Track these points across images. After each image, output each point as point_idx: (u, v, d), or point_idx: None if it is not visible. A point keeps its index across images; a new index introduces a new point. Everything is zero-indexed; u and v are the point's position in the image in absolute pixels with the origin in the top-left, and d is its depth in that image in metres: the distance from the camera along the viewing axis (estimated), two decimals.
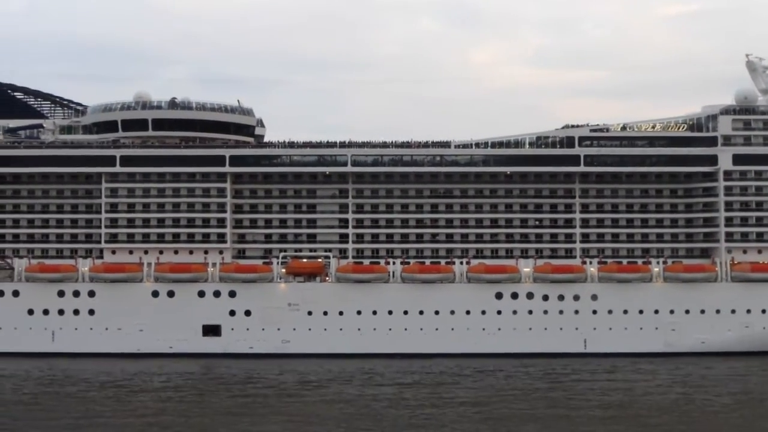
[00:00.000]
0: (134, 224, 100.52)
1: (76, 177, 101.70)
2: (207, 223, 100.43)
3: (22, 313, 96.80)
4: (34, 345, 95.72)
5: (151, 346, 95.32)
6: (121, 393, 74.77)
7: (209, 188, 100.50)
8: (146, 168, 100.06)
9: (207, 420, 63.84)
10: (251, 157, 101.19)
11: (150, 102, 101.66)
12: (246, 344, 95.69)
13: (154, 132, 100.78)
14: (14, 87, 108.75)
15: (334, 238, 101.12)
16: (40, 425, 62.31)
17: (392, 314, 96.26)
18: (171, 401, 71.40)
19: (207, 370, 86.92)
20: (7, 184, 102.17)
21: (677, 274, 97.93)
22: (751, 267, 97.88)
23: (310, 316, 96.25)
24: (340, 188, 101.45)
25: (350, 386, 78.09)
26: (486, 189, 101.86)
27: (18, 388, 77.80)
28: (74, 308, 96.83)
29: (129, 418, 64.45)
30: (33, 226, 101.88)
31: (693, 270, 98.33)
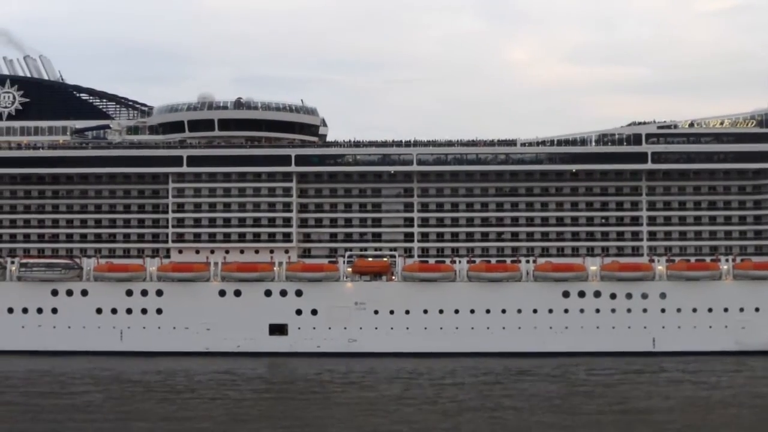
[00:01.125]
0: (200, 224, 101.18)
1: (143, 177, 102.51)
2: (273, 222, 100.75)
3: (90, 313, 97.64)
4: (102, 344, 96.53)
5: (219, 345, 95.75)
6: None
7: (275, 188, 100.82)
8: (212, 168, 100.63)
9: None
10: (316, 157, 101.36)
11: (216, 102, 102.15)
12: (313, 343, 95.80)
13: (220, 132, 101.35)
14: (80, 88, 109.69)
15: (399, 237, 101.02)
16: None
17: (459, 313, 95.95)
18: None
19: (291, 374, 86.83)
20: (75, 185, 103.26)
21: (747, 271, 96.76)
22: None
23: (376, 315, 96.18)
24: (405, 187, 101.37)
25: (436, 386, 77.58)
26: (551, 187, 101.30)
27: (91, 387, 78.36)
28: (142, 307, 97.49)
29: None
30: (100, 226, 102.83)
31: (763, 267, 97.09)
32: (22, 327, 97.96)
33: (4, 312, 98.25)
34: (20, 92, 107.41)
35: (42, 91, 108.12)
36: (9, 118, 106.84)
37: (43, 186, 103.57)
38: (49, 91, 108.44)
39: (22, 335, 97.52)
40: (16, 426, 60.92)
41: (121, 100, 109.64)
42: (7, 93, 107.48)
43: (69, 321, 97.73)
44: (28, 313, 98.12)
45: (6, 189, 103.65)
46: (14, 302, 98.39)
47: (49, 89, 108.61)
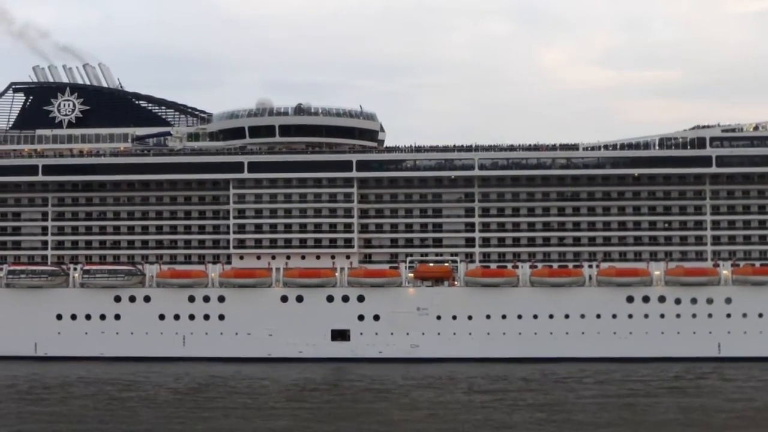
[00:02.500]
0: (262, 230, 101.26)
1: (204, 183, 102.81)
2: (334, 228, 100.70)
3: (153, 318, 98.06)
4: (165, 350, 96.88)
5: (281, 351, 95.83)
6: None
7: (336, 193, 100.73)
8: (273, 174, 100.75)
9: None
10: (376, 162, 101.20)
11: (276, 108, 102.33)
12: (375, 349, 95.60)
13: (281, 138, 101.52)
14: (139, 95, 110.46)
15: (460, 241, 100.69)
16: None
17: (521, 318, 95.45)
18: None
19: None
20: (136, 191, 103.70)
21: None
22: None
23: (438, 320, 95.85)
24: (465, 192, 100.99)
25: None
26: (614, 191, 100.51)
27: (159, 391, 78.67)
28: (204, 313, 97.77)
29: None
30: (161, 232, 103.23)
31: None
32: (85, 333, 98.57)
33: (68, 318, 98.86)
34: (80, 100, 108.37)
35: (102, 99, 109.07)
36: (70, 126, 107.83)
37: (105, 193, 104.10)
38: (108, 98, 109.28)
39: (85, 341, 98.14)
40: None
41: (180, 106, 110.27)
42: (67, 101, 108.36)
43: (132, 327, 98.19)
44: (91, 319, 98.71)
45: (68, 196, 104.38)
46: (78, 309, 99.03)
47: (108, 97, 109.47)
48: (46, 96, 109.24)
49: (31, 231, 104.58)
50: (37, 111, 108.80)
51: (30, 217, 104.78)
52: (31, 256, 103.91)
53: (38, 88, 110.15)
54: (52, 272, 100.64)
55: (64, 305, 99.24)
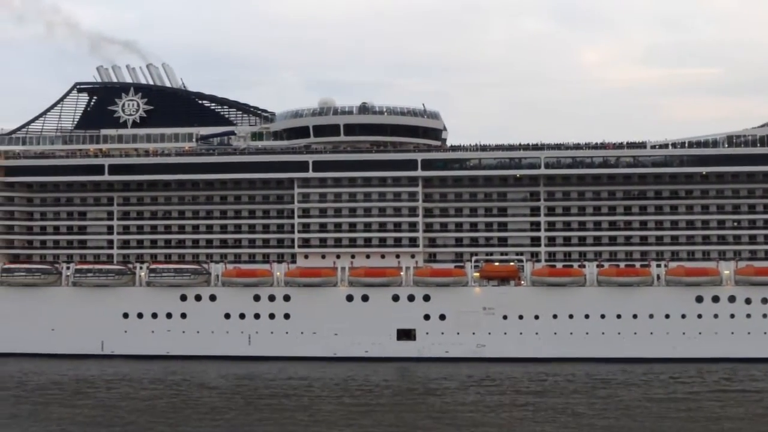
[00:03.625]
0: (326, 229, 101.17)
1: (267, 182, 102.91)
2: (398, 227, 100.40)
3: (219, 317, 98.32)
4: (230, 349, 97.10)
5: (347, 350, 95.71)
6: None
7: (400, 192, 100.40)
8: (338, 173, 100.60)
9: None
10: (441, 161, 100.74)
11: (341, 107, 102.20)
12: (441, 348, 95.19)
13: (346, 137, 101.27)
14: (202, 95, 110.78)
15: (526, 241, 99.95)
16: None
17: (589, 318, 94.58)
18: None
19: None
20: (201, 191, 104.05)
21: None
22: None
23: (505, 320, 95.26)
24: (531, 190, 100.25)
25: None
26: (681, 189, 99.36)
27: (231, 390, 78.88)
28: (270, 312, 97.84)
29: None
30: (226, 231, 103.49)
31: None
32: (151, 332, 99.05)
33: (134, 317, 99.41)
34: (144, 100, 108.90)
35: (165, 99, 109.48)
36: (134, 126, 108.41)
37: (170, 192, 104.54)
38: (172, 98, 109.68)
39: (151, 340, 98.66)
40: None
41: (242, 106, 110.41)
42: (131, 101, 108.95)
43: (198, 326, 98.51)
44: (157, 318, 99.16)
45: (133, 195, 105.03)
46: (144, 307, 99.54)
47: (172, 97, 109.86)
48: (110, 96, 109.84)
49: (96, 230, 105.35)
50: (101, 111, 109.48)
51: (96, 217, 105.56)
52: (96, 255, 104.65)
53: (102, 89, 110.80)
54: (118, 271, 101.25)
55: (130, 304, 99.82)
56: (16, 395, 76.58)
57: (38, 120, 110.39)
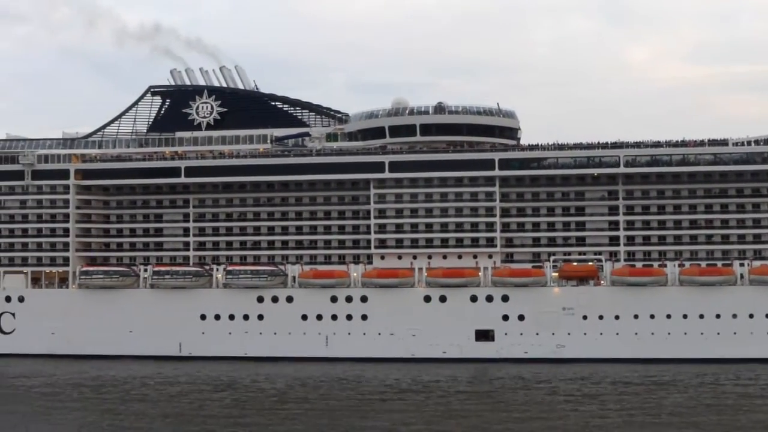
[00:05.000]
0: (402, 229, 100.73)
1: (343, 183, 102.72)
2: (475, 227, 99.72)
3: (296, 319, 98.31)
4: (308, 350, 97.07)
5: (424, 351, 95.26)
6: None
7: (477, 192, 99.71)
8: (414, 173, 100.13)
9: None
10: (517, 160, 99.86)
11: (417, 107, 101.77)
12: (520, 349, 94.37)
13: (422, 137, 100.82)
14: (275, 97, 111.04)
15: (604, 240, 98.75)
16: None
17: (670, 318, 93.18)
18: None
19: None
20: (276, 192, 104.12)
21: None
22: None
23: (585, 320, 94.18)
24: (609, 189, 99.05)
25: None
26: (763, 187, 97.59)
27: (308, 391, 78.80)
28: (347, 313, 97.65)
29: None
30: (301, 232, 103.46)
31: None
32: (228, 333, 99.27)
33: (212, 318, 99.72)
34: (218, 102, 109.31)
35: (238, 101, 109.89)
36: (208, 128, 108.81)
37: (245, 194, 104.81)
38: (245, 100, 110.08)
39: (229, 341, 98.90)
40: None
41: (315, 107, 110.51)
42: (205, 103, 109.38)
43: (275, 327, 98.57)
44: (234, 319, 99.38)
45: (209, 197, 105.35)
46: (221, 309, 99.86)
47: (245, 98, 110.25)
48: (183, 99, 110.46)
49: (173, 232, 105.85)
50: (175, 113, 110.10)
51: (172, 219, 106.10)
52: (173, 257, 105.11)
53: (176, 91, 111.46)
54: (195, 273, 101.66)
55: (207, 305, 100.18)
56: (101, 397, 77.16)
57: (113, 124, 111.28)
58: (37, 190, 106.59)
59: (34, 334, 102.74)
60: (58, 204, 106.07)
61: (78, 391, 79.25)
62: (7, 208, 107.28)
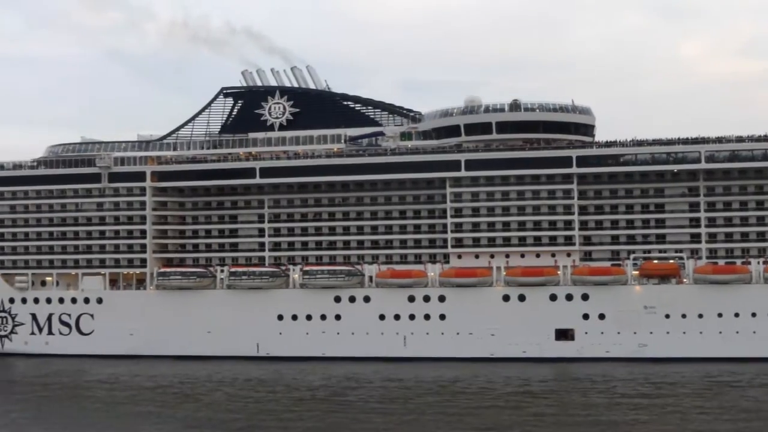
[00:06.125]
0: (479, 228, 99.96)
1: (417, 182, 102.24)
2: (553, 225, 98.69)
3: (373, 319, 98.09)
4: (386, 350, 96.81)
5: (504, 351, 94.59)
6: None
7: (554, 190, 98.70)
8: (491, 171, 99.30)
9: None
10: (594, 157, 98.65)
11: (492, 105, 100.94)
12: (601, 348, 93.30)
13: (498, 135, 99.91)
14: (347, 96, 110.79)
15: (685, 238, 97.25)
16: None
17: (756, 316, 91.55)
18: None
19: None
20: (351, 192, 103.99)
21: None
22: None
23: (667, 319, 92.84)
24: (689, 186, 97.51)
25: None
26: None
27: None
28: (425, 313, 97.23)
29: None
30: (377, 232, 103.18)
31: None
32: (306, 333, 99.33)
33: (289, 319, 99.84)
34: (290, 103, 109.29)
35: (311, 101, 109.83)
36: (281, 128, 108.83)
37: (319, 194, 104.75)
38: (317, 100, 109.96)
39: (306, 342, 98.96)
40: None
41: (387, 106, 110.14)
42: (277, 104, 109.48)
43: (352, 327, 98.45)
44: (311, 319, 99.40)
45: (283, 198, 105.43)
46: (298, 309, 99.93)
47: (317, 98, 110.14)
48: (256, 100, 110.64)
49: (248, 233, 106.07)
50: (247, 114, 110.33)
51: (247, 220, 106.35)
52: (248, 257, 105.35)
53: (248, 92, 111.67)
54: (272, 273, 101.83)
55: (284, 306, 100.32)
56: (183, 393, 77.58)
57: (187, 125, 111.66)
58: (114, 192, 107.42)
59: (112, 335, 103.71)
60: (134, 206, 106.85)
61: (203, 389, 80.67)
62: (84, 211, 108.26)
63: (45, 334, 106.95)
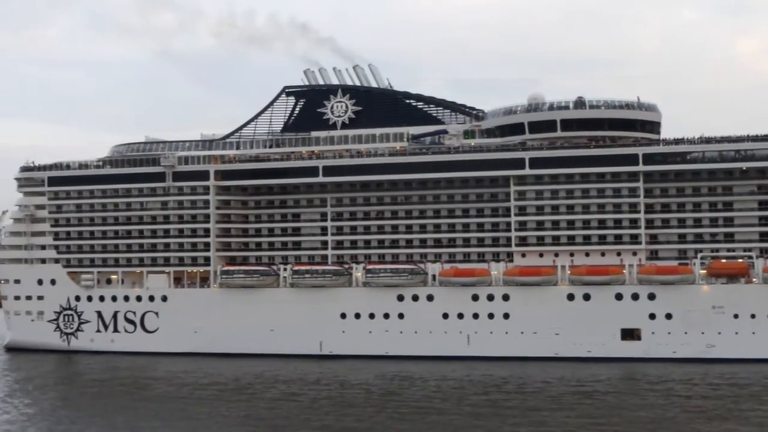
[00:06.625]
0: (543, 227, 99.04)
1: (481, 181, 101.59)
2: (619, 224, 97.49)
3: (437, 318, 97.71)
4: (449, 349, 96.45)
5: (568, 350, 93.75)
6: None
7: (620, 188, 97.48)
8: (555, 169, 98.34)
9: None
10: (661, 155, 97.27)
11: (556, 102, 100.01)
12: (668, 348, 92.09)
13: (563, 132, 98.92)
14: (409, 95, 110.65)
15: (754, 236, 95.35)
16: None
17: None
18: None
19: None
20: (413, 190, 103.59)
21: None
22: None
23: (736, 319, 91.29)
24: (759, 184, 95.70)
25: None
26: None
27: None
28: (489, 312, 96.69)
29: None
30: (440, 230, 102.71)
31: None
32: (369, 332, 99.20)
33: (352, 317, 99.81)
34: (352, 101, 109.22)
35: (373, 99, 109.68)
36: (343, 127, 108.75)
37: (382, 192, 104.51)
38: (379, 98, 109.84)
39: (369, 340, 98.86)
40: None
41: (450, 104, 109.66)
42: (340, 102, 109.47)
43: (415, 326, 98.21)
44: (374, 318, 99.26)
45: (346, 196, 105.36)
46: (361, 307, 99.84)
47: (379, 97, 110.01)
48: (318, 98, 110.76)
49: (311, 231, 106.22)
50: (310, 113, 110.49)
51: (309, 218, 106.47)
52: (311, 256, 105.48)
53: (310, 91, 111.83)
54: (335, 272, 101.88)
55: (348, 304, 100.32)
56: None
57: (250, 124, 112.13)
58: (178, 191, 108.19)
59: (176, 332, 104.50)
60: (198, 204, 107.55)
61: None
62: (149, 209, 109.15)
63: (110, 332, 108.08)
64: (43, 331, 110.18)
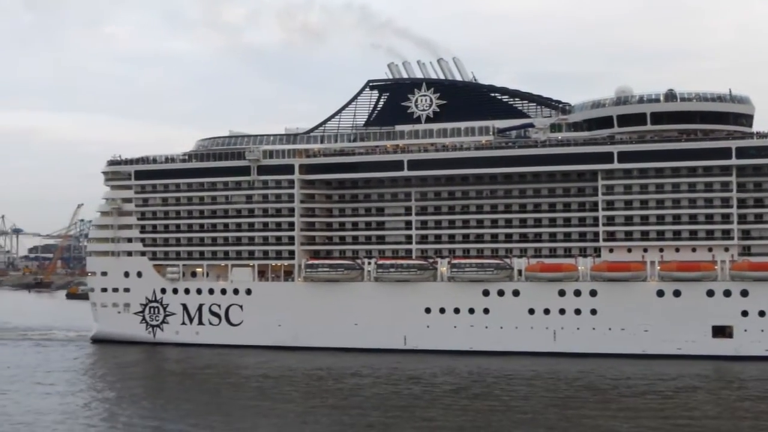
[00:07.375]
0: (632, 222, 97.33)
1: (568, 175, 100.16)
2: (710, 219, 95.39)
3: (522, 313, 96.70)
4: (535, 344, 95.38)
5: (657, 348, 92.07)
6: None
7: (712, 182, 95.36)
8: (644, 163, 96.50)
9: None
10: (755, 148, 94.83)
11: (646, 95, 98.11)
12: (761, 346, 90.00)
13: (653, 126, 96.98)
14: (494, 88, 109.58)
15: None
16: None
17: None
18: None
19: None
20: (499, 185, 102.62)
21: None
22: None
23: None
24: None
25: None
26: None
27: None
28: (576, 308, 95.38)
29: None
30: (525, 225, 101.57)
31: None
32: (453, 327, 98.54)
33: (437, 312, 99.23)
34: (437, 95, 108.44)
35: (458, 93, 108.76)
36: (427, 121, 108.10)
37: (467, 186, 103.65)
38: (464, 92, 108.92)
39: (454, 335, 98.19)
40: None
41: (536, 97, 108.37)
42: (424, 96, 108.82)
43: (501, 321, 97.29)
44: (459, 313, 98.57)
45: (430, 190, 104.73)
46: (446, 302, 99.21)
47: (464, 91, 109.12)
48: (402, 92, 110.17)
49: (395, 225, 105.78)
50: (394, 107, 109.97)
51: (394, 212, 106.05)
52: (395, 250, 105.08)
53: (394, 85, 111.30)
54: (420, 266, 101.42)
55: (432, 299, 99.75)
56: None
57: (334, 118, 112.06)
58: (263, 185, 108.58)
59: (261, 326, 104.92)
60: (283, 198, 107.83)
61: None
62: (234, 203, 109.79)
63: (195, 324, 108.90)
64: (129, 323, 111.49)
